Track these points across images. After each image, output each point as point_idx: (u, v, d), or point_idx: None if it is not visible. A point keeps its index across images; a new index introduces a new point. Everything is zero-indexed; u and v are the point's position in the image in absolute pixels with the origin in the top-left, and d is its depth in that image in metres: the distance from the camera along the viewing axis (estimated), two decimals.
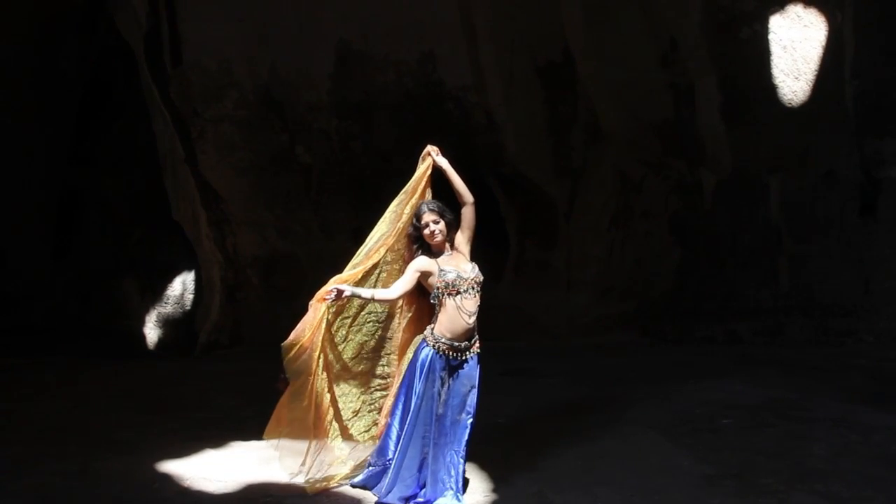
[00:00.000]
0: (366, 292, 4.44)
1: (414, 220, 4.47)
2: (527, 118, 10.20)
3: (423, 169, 4.48)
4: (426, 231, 4.42)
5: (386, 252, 4.57)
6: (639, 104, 9.86)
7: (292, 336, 4.36)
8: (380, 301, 4.48)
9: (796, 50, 9.29)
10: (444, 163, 4.49)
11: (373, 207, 4.67)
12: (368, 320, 4.62)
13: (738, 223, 9.82)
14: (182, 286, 12.40)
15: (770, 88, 9.34)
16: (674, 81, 9.72)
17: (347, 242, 11.24)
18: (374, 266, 4.55)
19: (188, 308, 12.28)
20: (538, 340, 10.10)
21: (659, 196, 10.21)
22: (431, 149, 4.52)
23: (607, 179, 10.28)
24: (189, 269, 12.43)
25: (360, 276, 4.53)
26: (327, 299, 4.41)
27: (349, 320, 4.58)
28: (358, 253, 4.56)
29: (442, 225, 4.44)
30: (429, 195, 4.59)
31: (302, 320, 4.39)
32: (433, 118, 10.27)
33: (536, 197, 10.55)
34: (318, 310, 4.43)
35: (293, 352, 4.34)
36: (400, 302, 4.60)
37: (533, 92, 10.14)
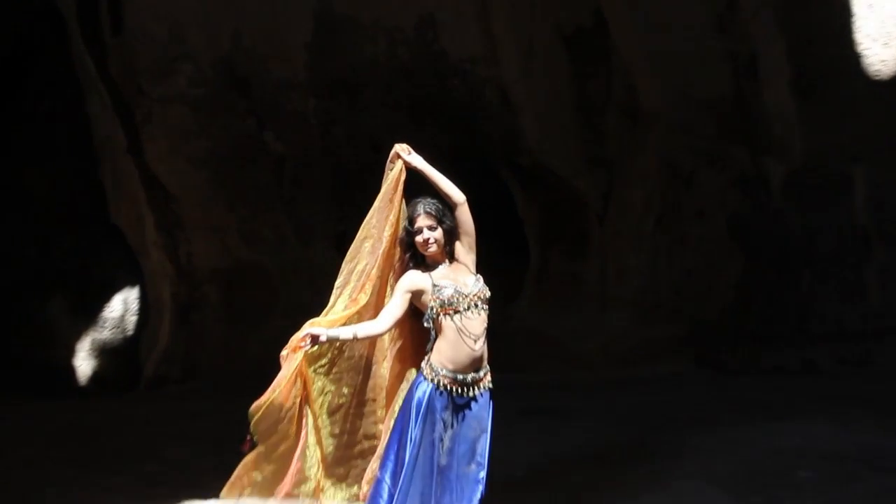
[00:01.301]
0: (346, 331, 4.40)
1: (406, 223, 4.51)
2: (550, 97, 10.22)
3: (394, 174, 4.53)
4: (418, 238, 4.48)
5: (373, 289, 4.56)
6: (689, 78, 9.89)
7: (263, 397, 4.34)
8: (364, 338, 4.48)
9: (885, 8, 9.26)
10: (418, 162, 4.54)
11: (360, 207, 4.66)
12: (349, 366, 4.61)
13: (814, 225, 9.83)
14: (123, 306, 12.35)
15: (852, 57, 9.32)
16: (732, 50, 9.75)
17: (329, 251, 11.26)
18: (361, 311, 4.58)
19: (130, 333, 12.26)
20: (565, 372, 10.12)
21: (714, 192, 10.24)
22: (400, 148, 4.55)
23: (650, 171, 10.32)
24: (132, 284, 12.38)
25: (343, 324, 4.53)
26: (303, 347, 4.39)
27: (325, 367, 4.57)
28: (336, 297, 4.57)
29: (439, 233, 4.48)
30: (403, 208, 4.61)
31: (276, 379, 4.38)
32: (434, 98, 10.28)
33: (563, 194, 10.56)
34: (292, 362, 4.42)
35: (262, 412, 4.32)
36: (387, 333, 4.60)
37: (557, 65, 10.16)
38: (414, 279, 4.46)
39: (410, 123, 10.35)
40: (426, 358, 4.46)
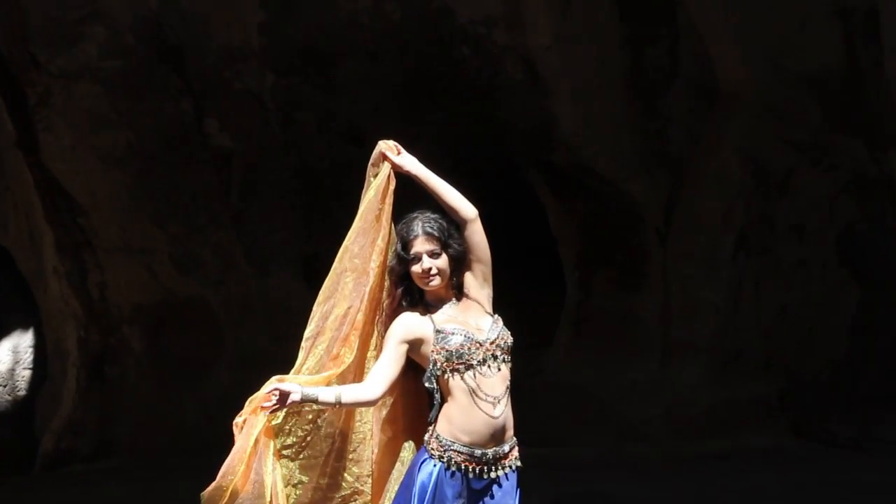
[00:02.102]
0: (327, 393, 4.40)
1: (398, 247, 4.60)
2: (593, 71, 10.16)
3: (380, 182, 4.65)
4: (416, 269, 4.53)
5: (359, 343, 4.60)
6: (784, 46, 9.83)
7: (217, 479, 4.34)
8: (350, 405, 4.50)
9: None
10: (411, 164, 4.64)
11: (335, 222, 4.61)
12: (326, 447, 4.61)
13: None
14: (11, 357, 12.40)
15: None
16: (844, 6, 9.72)
17: (293, 281, 11.38)
18: (344, 374, 4.59)
19: (22, 394, 12.29)
20: (615, 445, 10.08)
21: (819, 200, 10.21)
22: (386, 145, 4.65)
23: (730, 172, 10.29)
24: (23, 327, 12.46)
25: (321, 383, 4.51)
26: (266, 408, 4.33)
27: (293, 449, 4.57)
28: (306, 352, 4.56)
29: (443, 261, 4.53)
30: (394, 228, 4.60)
31: (229, 457, 4.35)
32: (436, 73, 10.22)
33: (610, 203, 10.51)
34: (252, 428, 4.37)
35: (222, 502, 4.34)
36: None
37: (604, 28, 10.10)
38: (410, 325, 4.50)
39: (402, 109, 10.31)
40: (430, 429, 4.48)
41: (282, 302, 10.45)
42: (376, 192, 4.59)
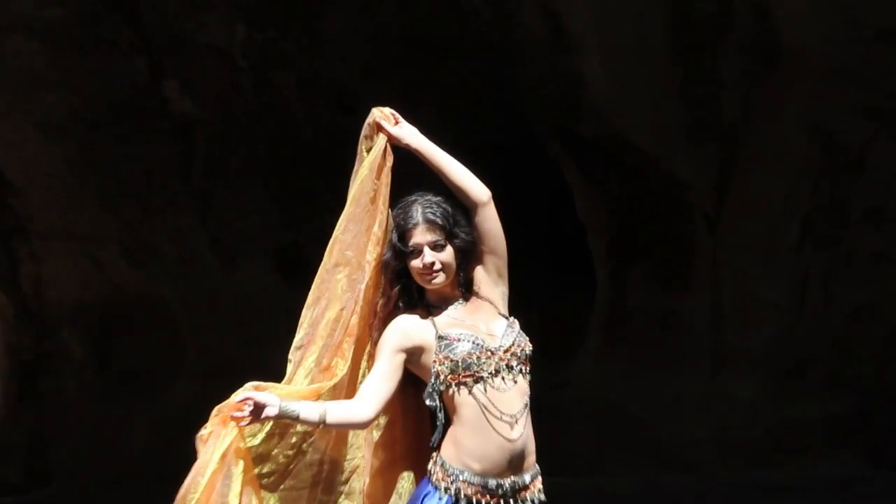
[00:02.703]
0: (310, 409, 4.37)
1: (394, 238, 4.58)
2: (630, 24, 10.17)
3: (374, 157, 4.64)
4: (415, 263, 4.50)
5: (355, 351, 4.59)
6: None
7: (175, 501, 4.30)
8: (338, 426, 4.48)
9: None
10: (411, 136, 4.60)
11: (320, 205, 4.62)
12: (310, 476, 4.59)
13: None
14: None
15: None
16: None
17: (267, 275, 11.54)
18: (337, 387, 4.57)
19: None
20: (656, 475, 10.10)
21: None
22: (382, 114, 4.62)
23: (794, 147, 10.32)
24: None
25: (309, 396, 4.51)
26: (236, 419, 4.33)
27: (272, 478, 4.54)
28: (295, 365, 4.55)
29: (448, 253, 4.51)
30: (390, 217, 4.58)
31: (191, 471, 4.34)
32: (439, 27, 10.29)
33: (649, 183, 10.55)
34: (219, 441, 4.39)
35: None
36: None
37: None
38: (407, 330, 4.50)
39: (400, 69, 10.36)
40: (434, 456, 4.47)
41: (254, 300, 10.52)
42: (370, 169, 4.56)
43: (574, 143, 10.61)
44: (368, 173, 4.55)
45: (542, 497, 4.48)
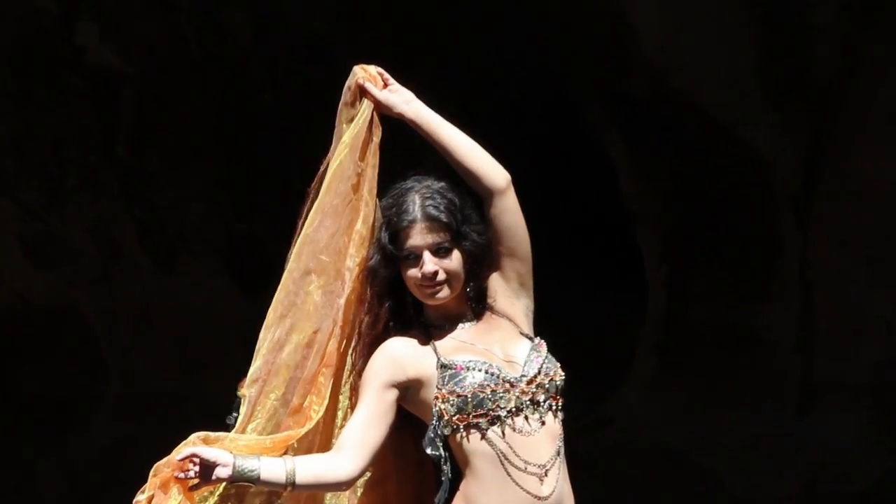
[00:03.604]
0: (271, 468, 4.39)
1: (384, 238, 4.62)
2: None
3: (357, 131, 4.70)
4: (412, 273, 4.55)
5: (333, 386, 4.64)
6: None
7: None
8: (310, 487, 4.50)
9: None
10: (404, 102, 4.67)
11: (283, 190, 4.66)
12: None
13: None
14: None
15: None
16: None
17: (214, 279, 11.65)
18: (310, 436, 4.64)
19: None
20: None
21: None
22: (365, 75, 4.68)
23: None
24: None
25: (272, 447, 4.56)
26: (180, 481, 4.37)
27: None
28: (252, 401, 4.61)
29: (455, 259, 4.55)
30: (377, 209, 4.67)
31: None
32: None
33: (718, 160, 10.63)
34: None
35: None
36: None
37: None
38: (400, 358, 4.53)
39: (390, 10, 10.35)
40: None
41: (197, 312, 10.60)
42: (352, 147, 4.59)
43: (619, 106, 10.64)
44: (350, 152, 4.60)
45: None
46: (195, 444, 4.34)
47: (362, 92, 4.59)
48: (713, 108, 10.48)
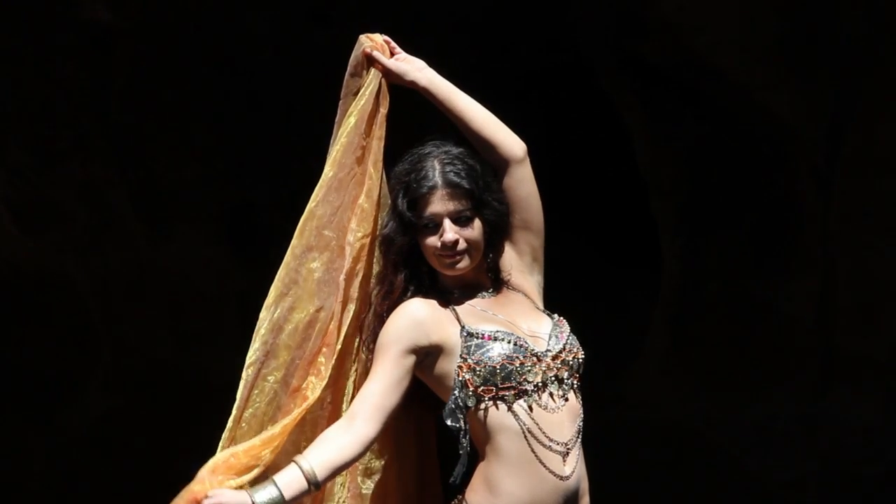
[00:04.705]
0: (291, 482, 4.40)
1: (401, 204, 4.66)
2: None
3: (365, 103, 4.78)
4: (431, 242, 4.63)
5: (335, 365, 4.69)
6: None
7: None
8: (332, 478, 4.55)
9: None
10: (414, 71, 4.78)
11: (283, 157, 4.62)
12: None
13: None
14: None
15: None
16: None
17: (211, 248, 11.62)
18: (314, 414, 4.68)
19: None
20: None
21: None
22: (371, 44, 4.79)
23: None
24: None
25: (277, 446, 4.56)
26: None
27: None
28: (248, 383, 4.67)
29: (476, 228, 4.65)
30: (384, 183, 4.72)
31: None
32: None
33: (738, 126, 10.57)
34: None
35: None
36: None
37: None
38: (423, 321, 4.57)
39: None
40: (458, 499, 4.58)
41: (193, 282, 10.61)
42: (359, 118, 4.63)
43: (634, 69, 10.60)
44: (356, 124, 4.59)
45: None
46: (209, 484, 4.35)
47: (370, 61, 4.65)
48: (733, 73, 10.43)
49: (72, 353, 10.84)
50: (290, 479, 4.37)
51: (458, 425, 4.45)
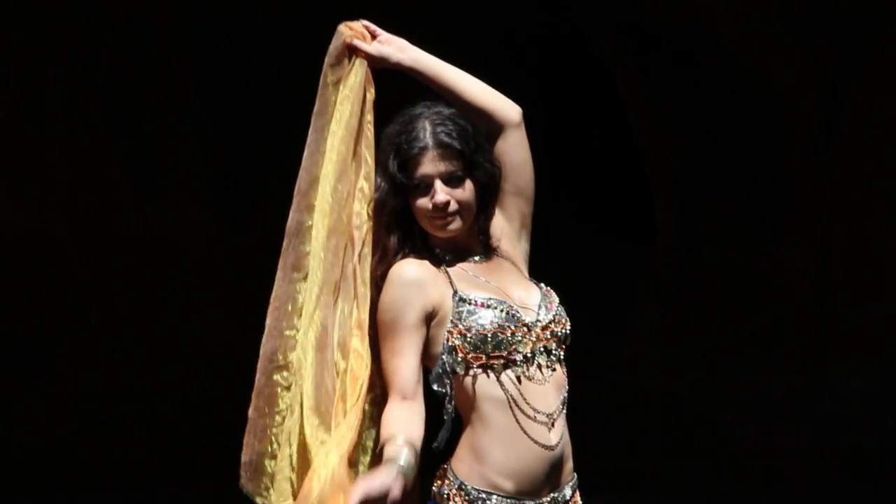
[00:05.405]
0: (406, 456, 4.32)
1: (391, 165, 4.60)
2: None
3: (351, 93, 4.70)
4: (422, 203, 4.55)
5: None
6: None
7: None
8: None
9: None
10: (397, 52, 4.67)
11: (284, 113, 4.63)
12: None
13: None
14: None
15: None
16: None
17: (204, 213, 11.36)
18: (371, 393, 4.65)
19: None
20: (733, 493, 10.21)
21: None
22: (351, 32, 4.68)
23: None
24: None
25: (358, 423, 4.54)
26: None
27: None
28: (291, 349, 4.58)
29: (468, 189, 4.55)
30: (370, 149, 4.67)
31: None
32: None
33: (735, 94, 10.58)
34: None
35: None
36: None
37: None
38: (423, 282, 4.53)
39: None
40: (442, 468, 4.54)
41: (185, 247, 10.59)
42: (352, 108, 4.61)
43: (631, 36, 10.60)
44: (352, 111, 4.57)
45: None
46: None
47: (352, 51, 4.59)
48: (730, 40, 10.45)
49: (59, 321, 10.79)
50: (406, 455, 4.29)
51: (443, 390, 4.46)
